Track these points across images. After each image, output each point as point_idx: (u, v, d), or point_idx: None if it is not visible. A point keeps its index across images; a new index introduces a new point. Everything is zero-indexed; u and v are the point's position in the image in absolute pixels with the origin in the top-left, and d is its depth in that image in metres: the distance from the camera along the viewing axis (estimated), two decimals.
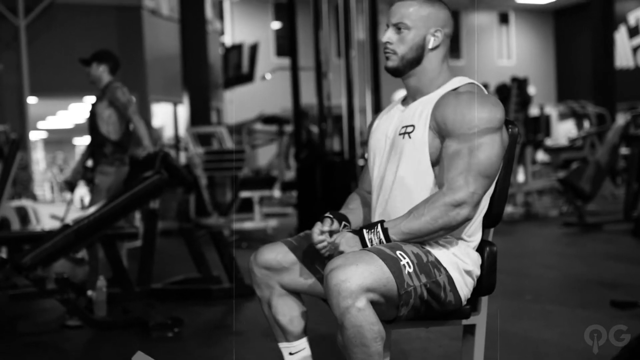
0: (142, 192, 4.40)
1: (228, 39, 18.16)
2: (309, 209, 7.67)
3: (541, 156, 14.24)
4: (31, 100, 12.88)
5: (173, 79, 12.82)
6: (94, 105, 5.09)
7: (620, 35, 19.83)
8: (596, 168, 8.41)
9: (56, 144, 23.48)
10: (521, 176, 10.61)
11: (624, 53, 19.98)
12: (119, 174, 5.04)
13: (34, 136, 19.52)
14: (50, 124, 20.35)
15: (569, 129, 17.06)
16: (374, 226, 2.12)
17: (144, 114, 10.71)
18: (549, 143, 15.03)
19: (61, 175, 19.54)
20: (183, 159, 11.24)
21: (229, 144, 10.46)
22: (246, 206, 9.63)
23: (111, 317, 4.18)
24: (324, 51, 7.93)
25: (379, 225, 2.11)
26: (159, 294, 4.90)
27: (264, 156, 12.53)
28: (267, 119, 12.52)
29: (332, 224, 2.24)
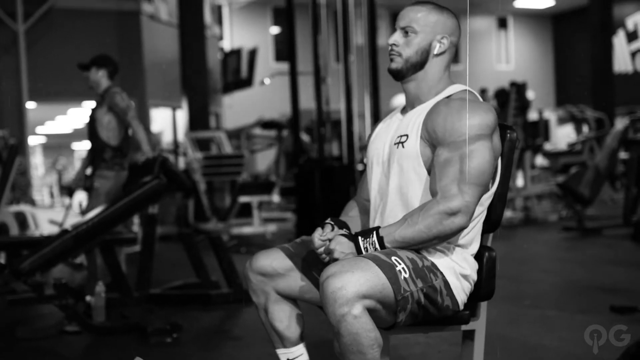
0: (141, 197, 4.40)
1: (227, 44, 18.18)
2: (308, 213, 7.66)
3: (540, 161, 14.23)
4: (30, 105, 12.87)
5: (172, 83, 12.82)
6: (93, 110, 5.10)
7: (619, 40, 19.84)
8: (595, 172, 8.40)
9: (55, 149, 23.48)
10: (520, 181, 10.59)
11: (622, 57, 19.98)
12: (118, 179, 5.05)
13: (33, 141, 19.53)
14: (49, 129, 20.36)
15: (567, 134, 17.07)
16: (369, 233, 2.11)
17: (142, 119, 10.68)
18: (548, 147, 15.04)
19: (62, 180, 19.56)
20: (182, 164, 11.23)
21: (227, 149, 10.46)
22: (245, 211, 9.61)
23: (110, 322, 4.17)
24: (322, 56, 7.93)
25: (374, 234, 2.10)
26: (157, 299, 4.89)
27: (262, 161, 12.53)
28: (266, 124, 12.51)
29: (333, 230, 2.24)
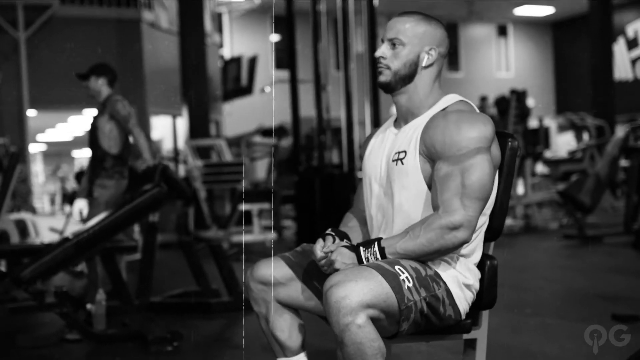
0: (141, 205, 4.39)
1: (227, 52, 18.20)
2: (308, 221, 7.66)
3: (541, 168, 14.23)
4: (31, 113, 12.90)
5: (172, 91, 12.83)
6: (95, 118, 5.09)
7: (619, 47, 19.87)
8: (596, 180, 8.39)
9: (55, 156, 23.50)
10: (521, 188, 10.59)
11: (622, 65, 20.01)
12: (118, 187, 5.04)
13: (34, 149, 19.54)
14: (49, 136, 20.39)
15: (568, 141, 17.07)
16: (371, 244, 2.11)
17: (143, 127, 10.70)
18: (548, 155, 15.03)
19: (64, 189, 19.55)
20: (182, 171, 11.24)
21: (227, 156, 10.46)
22: (245, 219, 9.61)
23: (110, 330, 4.16)
24: (323, 64, 7.94)
25: (375, 244, 2.10)
26: (158, 308, 4.88)
27: (262, 169, 12.53)
28: (266, 132, 12.51)
29: (334, 241, 2.23)
